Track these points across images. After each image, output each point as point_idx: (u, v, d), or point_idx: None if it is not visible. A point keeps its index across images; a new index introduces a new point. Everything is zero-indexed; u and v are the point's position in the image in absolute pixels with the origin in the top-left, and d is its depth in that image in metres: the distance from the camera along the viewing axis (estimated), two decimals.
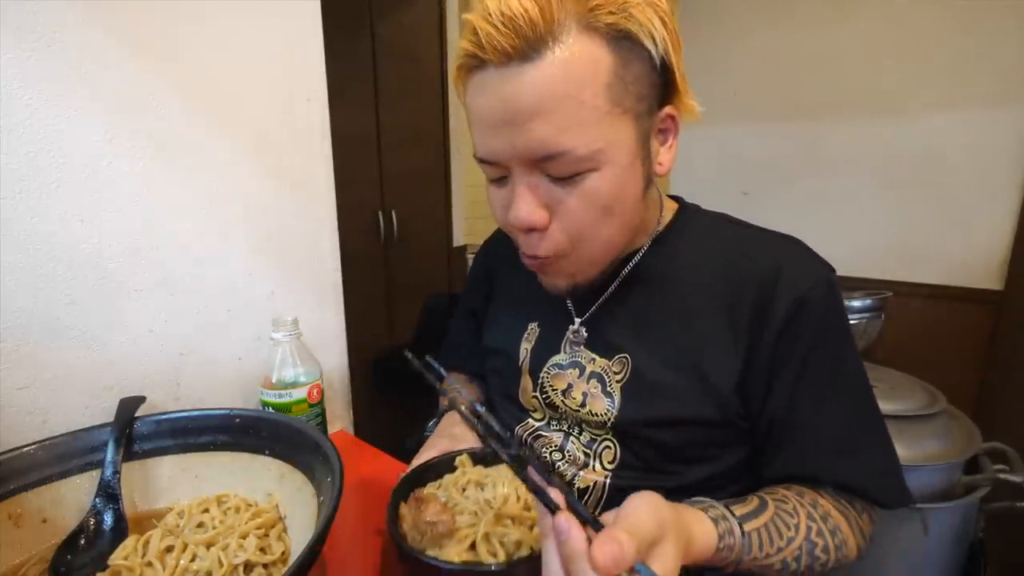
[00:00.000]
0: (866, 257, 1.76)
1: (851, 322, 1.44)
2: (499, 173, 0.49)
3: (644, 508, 0.35)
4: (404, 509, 0.46)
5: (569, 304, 0.62)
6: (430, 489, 0.50)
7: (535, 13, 0.40)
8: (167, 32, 0.61)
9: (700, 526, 0.42)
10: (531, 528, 0.44)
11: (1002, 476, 1.08)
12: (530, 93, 0.42)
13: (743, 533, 0.45)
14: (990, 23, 1.49)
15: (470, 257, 2.52)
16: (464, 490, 0.49)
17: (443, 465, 0.53)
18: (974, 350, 1.60)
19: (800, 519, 0.48)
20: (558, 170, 0.45)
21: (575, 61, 0.42)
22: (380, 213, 2.11)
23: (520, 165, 0.46)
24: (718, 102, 2.01)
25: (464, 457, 0.53)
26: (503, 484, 0.48)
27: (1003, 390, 1.54)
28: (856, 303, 1.47)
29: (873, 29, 1.67)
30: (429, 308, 2.24)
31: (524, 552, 0.42)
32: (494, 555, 0.42)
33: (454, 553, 0.42)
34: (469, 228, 2.59)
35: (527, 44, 0.41)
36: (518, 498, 0.47)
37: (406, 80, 2.10)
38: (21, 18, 0.51)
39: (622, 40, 0.43)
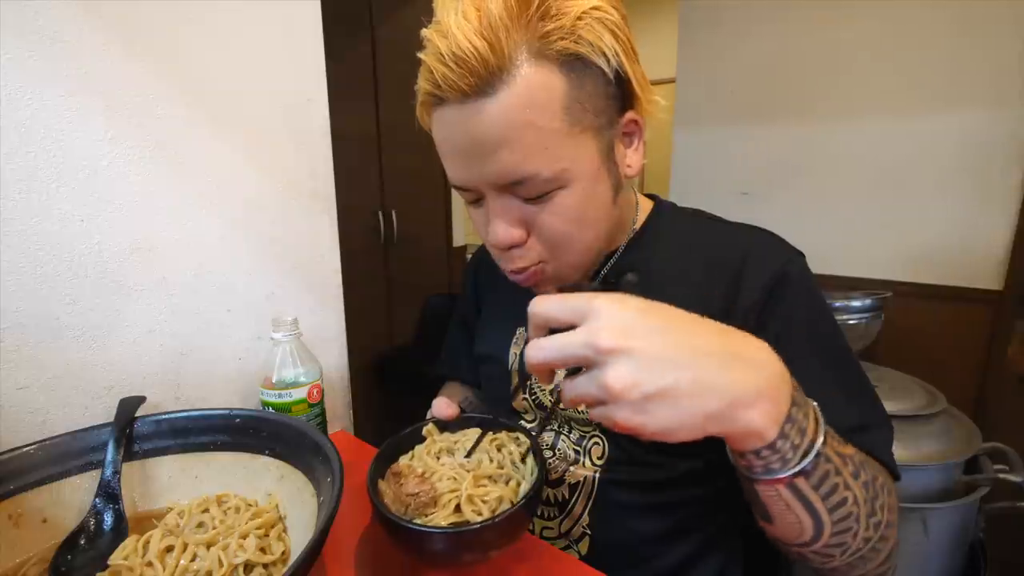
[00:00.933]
0: (866, 257, 1.76)
1: (851, 322, 1.45)
2: (474, 196, 0.51)
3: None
4: (383, 486, 0.47)
5: None
6: (404, 462, 0.50)
7: (485, 51, 0.41)
8: (167, 32, 0.61)
9: (762, 348, 0.35)
10: (507, 483, 0.47)
11: (1002, 476, 1.08)
12: (490, 125, 0.44)
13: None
14: (989, 23, 1.49)
15: (470, 257, 2.52)
16: (439, 458, 0.50)
17: (412, 437, 0.53)
18: (974, 350, 1.60)
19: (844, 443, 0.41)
20: (527, 192, 0.47)
21: (530, 90, 0.43)
22: (380, 213, 2.11)
23: (491, 190, 0.48)
24: (718, 102, 2.01)
25: (431, 426, 0.54)
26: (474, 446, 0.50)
27: (1003, 390, 1.54)
28: (856, 303, 1.47)
29: (872, 29, 1.67)
30: (429, 308, 2.24)
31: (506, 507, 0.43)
32: (479, 514, 0.43)
33: (441, 518, 0.43)
34: (469, 228, 2.59)
35: (482, 80, 0.42)
36: (491, 460, 0.49)
37: (406, 80, 2.08)
38: (21, 18, 0.51)
39: (574, 63, 0.44)
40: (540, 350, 0.34)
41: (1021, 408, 1.49)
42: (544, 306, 0.35)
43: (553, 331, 0.35)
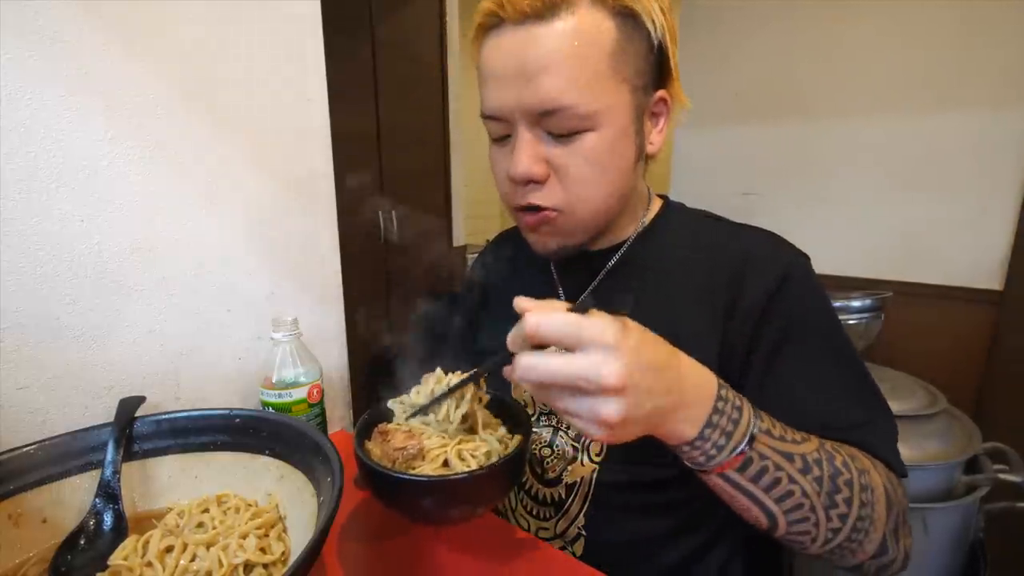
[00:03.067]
0: (866, 257, 1.76)
1: (851, 322, 1.45)
2: (502, 131, 0.53)
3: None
4: (370, 445, 0.47)
5: (562, 295, 0.64)
6: (391, 424, 0.50)
7: None
8: (167, 32, 0.61)
9: (692, 359, 0.40)
10: (500, 441, 0.47)
11: (1002, 476, 1.08)
12: (541, 49, 0.47)
13: (750, 408, 0.41)
14: (991, 23, 1.49)
15: (470, 257, 2.52)
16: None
17: (377, 415, 0.53)
18: (974, 350, 1.60)
19: (809, 437, 0.45)
20: (558, 126, 0.49)
21: (584, 26, 0.47)
22: (380, 213, 2.11)
23: (523, 119, 0.50)
24: (719, 102, 2.01)
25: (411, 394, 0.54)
26: (456, 406, 0.50)
27: (1003, 390, 1.54)
28: (856, 303, 1.47)
29: (875, 29, 1.67)
30: (429, 308, 2.24)
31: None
32: (468, 467, 0.44)
33: (429, 471, 0.44)
34: (469, 228, 2.59)
35: (544, 6, 0.46)
36: (465, 417, 0.49)
37: (406, 80, 2.10)
38: (21, 18, 0.51)
39: (626, 17, 0.48)
40: (534, 371, 0.34)
41: (1021, 408, 1.49)
42: (547, 325, 0.34)
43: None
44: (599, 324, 0.33)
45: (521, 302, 0.37)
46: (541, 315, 0.34)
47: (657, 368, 0.35)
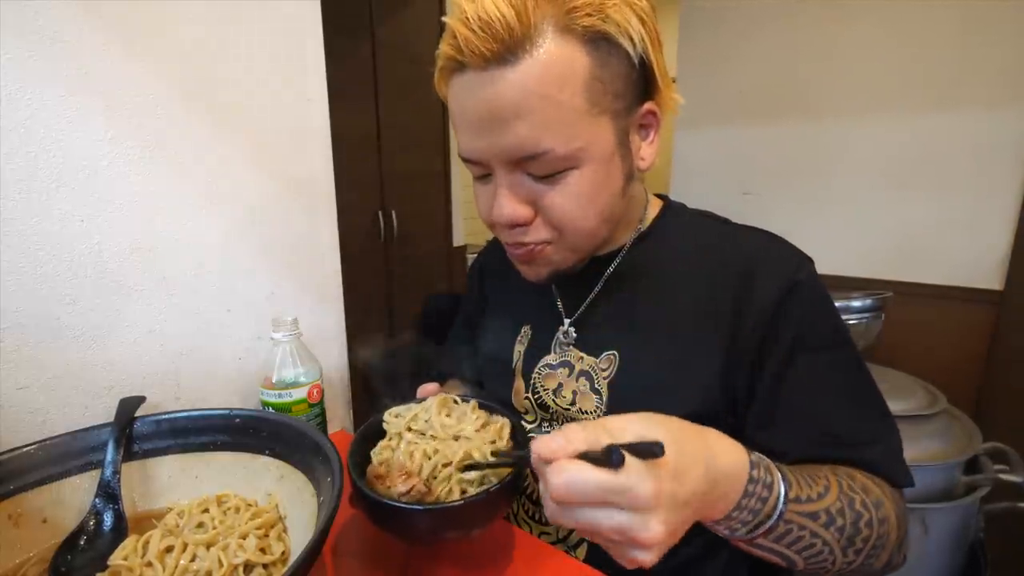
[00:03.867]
0: (866, 257, 1.76)
1: (851, 322, 1.45)
2: (482, 171, 0.51)
3: (633, 415, 0.36)
4: (372, 491, 0.46)
5: (559, 305, 0.63)
6: (376, 462, 0.49)
7: (512, 17, 0.41)
8: (167, 32, 0.61)
9: (723, 441, 0.39)
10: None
11: (1002, 476, 1.08)
12: (509, 95, 0.43)
13: (777, 469, 0.41)
14: (991, 23, 1.49)
15: (470, 257, 2.52)
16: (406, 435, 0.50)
17: (370, 432, 0.52)
18: (974, 350, 1.60)
19: (824, 472, 0.45)
20: (539, 169, 0.47)
21: (553, 63, 0.43)
22: (380, 213, 2.12)
23: (502, 165, 0.48)
24: (719, 102, 2.01)
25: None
26: (436, 417, 0.50)
27: (1003, 390, 1.54)
28: (856, 303, 1.47)
29: (874, 29, 1.67)
30: (429, 308, 2.24)
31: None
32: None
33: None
34: (469, 228, 2.59)
35: (504, 48, 0.42)
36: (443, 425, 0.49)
37: (406, 80, 2.10)
38: (21, 18, 0.51)
39: (599, 41, 0.44)
40: (570, 519, 0.33)
41: (1021, 408, 1.49)
42: (578, 488, 0.31)
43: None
44: (634, 483, 0.31)
45: (541, 450, 0.33)
46: (571, 477, 0.31)
47: (694, 493, 0.35)
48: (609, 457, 0.30)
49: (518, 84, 0.43)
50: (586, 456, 0.32)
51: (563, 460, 0.32)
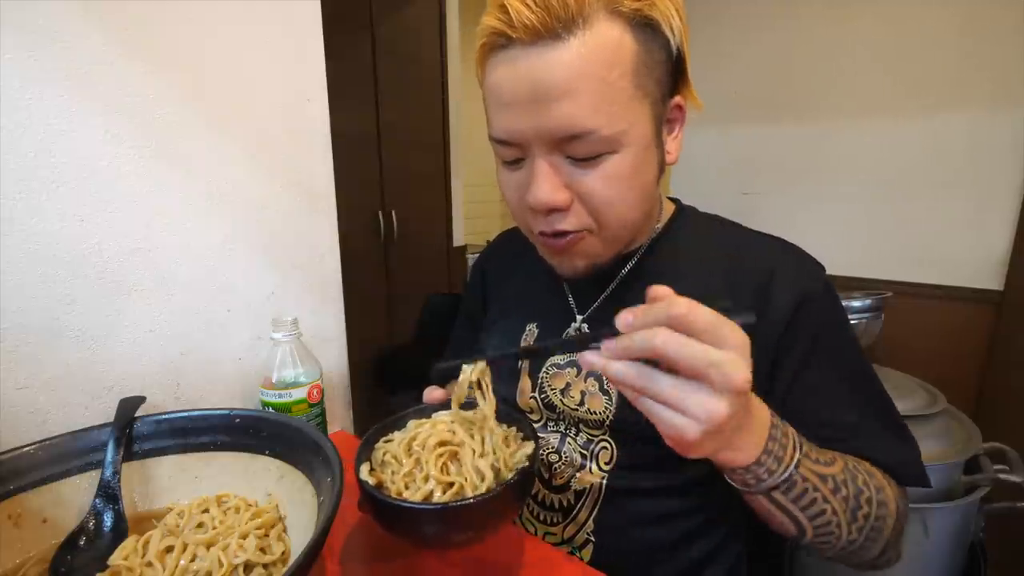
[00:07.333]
0: (866, 257, 1.76)
1: (851, 322, 1.45)
2: (515, 155, 0.50)
3: None
4: (380, 493, 0.45)
5: (571, 301, 0.63)
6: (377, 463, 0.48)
7: None
8: (167, 32, 0.61)
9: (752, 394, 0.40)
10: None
11: (1002, 476, 1.08)
12: (560, 72, 0.43)
13: (794, 432, 0.43)
14: (991, 24, 1.49)
15: (470, 257, 2.52)
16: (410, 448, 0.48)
17: (375, 437, 0.51)
18: (974, 350, 1.60)
19: (835, 458, 0.47)
20: (581, 150, 0.46)
21: (603, 43, 0.43)
22: (380, 213, 2.11)
23: (541, 145, 0.47)
24: (719, 102, 2.01)
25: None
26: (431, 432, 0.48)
27: (1003, 390, 1.54)
28: (856, 303, 1.47)
29: (874, 30, 1.67)
30: (429, 308, 2.24)
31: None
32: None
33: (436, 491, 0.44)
34: (469, 228, 2.59)
35: (558, 23, 0.42)
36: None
37: (406, 80, 2.10)
38: (21, 18, 0.51)
39: (644, 27, 0.45)
40: (670, 345, 0.33)
41: (1021, 408, 1.49)
42: (697, 312, 0.33)
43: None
44: (739, 328, 0.34)
45: (657, 290, 0.36)
46: (693, 303, 0.33)
47: (751, 406, 0.37)
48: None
49: (568, 62, 0.43)
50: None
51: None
